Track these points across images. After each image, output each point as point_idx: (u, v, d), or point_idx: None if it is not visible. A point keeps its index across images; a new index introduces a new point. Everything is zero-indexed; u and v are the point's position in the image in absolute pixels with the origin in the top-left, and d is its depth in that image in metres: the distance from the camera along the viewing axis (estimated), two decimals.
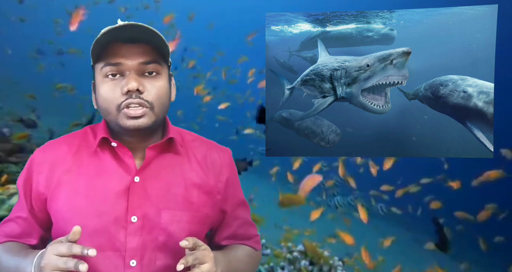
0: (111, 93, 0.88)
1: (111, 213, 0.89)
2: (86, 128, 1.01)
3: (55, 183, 0.92)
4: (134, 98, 0.87)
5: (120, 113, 0.88)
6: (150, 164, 0.93)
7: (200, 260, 0.82)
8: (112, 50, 0.88)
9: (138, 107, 0.88)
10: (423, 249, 3.77)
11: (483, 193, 3.35)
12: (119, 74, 0.89)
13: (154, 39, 0.89)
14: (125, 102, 0.88)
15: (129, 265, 0.88)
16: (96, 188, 0.90)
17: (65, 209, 0.90)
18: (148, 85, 0.89)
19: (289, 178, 4.50)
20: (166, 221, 0.91)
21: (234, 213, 1.06)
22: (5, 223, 1.00)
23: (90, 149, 0.95)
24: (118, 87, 0.88)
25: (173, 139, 0.97)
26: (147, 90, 0.89)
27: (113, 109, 0.89)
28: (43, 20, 9.17)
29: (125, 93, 0.87)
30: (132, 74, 0.88)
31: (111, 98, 0.88)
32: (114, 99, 0.88)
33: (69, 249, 0.75)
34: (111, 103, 0.88)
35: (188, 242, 0.82)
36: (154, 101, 0.90)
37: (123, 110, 0.88)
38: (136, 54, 0.88)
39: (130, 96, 0.87)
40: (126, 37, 0.88)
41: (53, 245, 0.78)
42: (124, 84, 0.87)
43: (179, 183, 0.95)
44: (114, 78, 0.89)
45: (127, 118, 0.88)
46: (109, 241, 0.88)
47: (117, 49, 0.88)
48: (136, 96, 0.88)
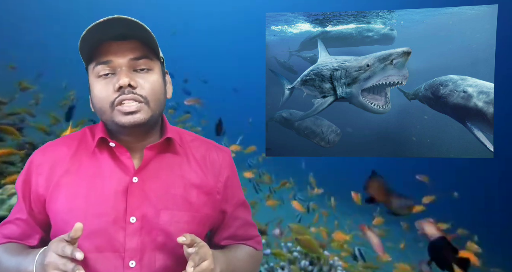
0: (104, 91, 0.88)
1: (110, 214, 0.89)
2: (85, 129, 1.01)
3: (54, 184, 0.92)
4: (127, 94, 0.87)
5: (114, 110, 0.88)
6: (149, 164, 0.93)
7: (202, 258, 0.82)
8: (101, 49, 0.88)
9: (132, 102, 0.87)
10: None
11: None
12: (111, 73, 0.89)
13: (142, 34, 0.88)
14: (118, 99, 0.87)
15: (128, 265, 0.88)
16: (95, 189, 0.90)
17: (64, 211, 0.90)
18: (141, 80, 0.89)
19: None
20: (165, 221, 0.91)
21: (234, 213, 1.05)
22: (4, 225, 0.99)
23: (88, 150, 0.95)
24: (111, 85, 0.88)
25: (172, 139, 0.97)
26: (140, 85, 0.88)
27: (107, 107, 0.88)
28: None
29: (117, 90, 0.87)
30: (123, 70, 0.87)
31: (104, 97, 0.88)
32: (107, 97, 0.88)
33: (62, 250, 0.75)
34: (105, 101, 0.88)
35: (185, 238, 0.82)
36: (149, 95, 0.89)
37: (117, 107, 0.87)
38: (126, 51, 0.88)
39: (122, 92, 0.87)
40: (115, 34, 0.87)
41: (55, 243, 0.78)
42: (115, 80, 0.87)
43: (178, 183, 0.95)
44: (106, 77, 0.89)
45: (122, 115, 0.88)
46: (108, 242, 0.88)
47: (107, 47, 0.88)
48: (129, 92, 0.87)
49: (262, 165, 4.91)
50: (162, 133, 0.97)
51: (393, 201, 2.02)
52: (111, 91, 0.88)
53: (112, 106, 0.88)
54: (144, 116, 0.89)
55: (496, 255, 5.13)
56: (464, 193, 5.52)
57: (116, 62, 0.88)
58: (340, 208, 5.04)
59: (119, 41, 0.88)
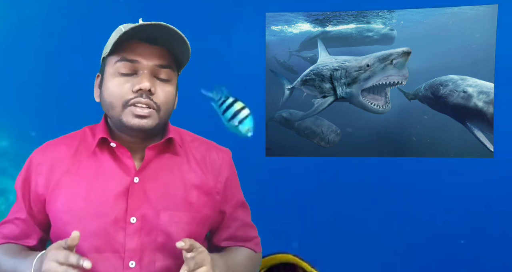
0: (120, 88, 0.87)
1: (110, 214, 0.88)
2: (85, 129, 1.00)
3: (54, 184, 0.92)
4: (144, 98, 0.87)
5: (125, 109, 0.87)
6: (149, 165, 0.93)
7: (199, 264, 0.82)
8: (130, 46, 0.88)
9: (146, 107, 0.87)
10: None
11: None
12: (132, 71, 0.88)
13: (176, 44, 0.88)
14: (133, 100, 0.87)
15: (128, 266, 0.88)
16: (95, 189, 0.90)
17: (64, 211, 0.90)
18: (159, 88, 0.89)
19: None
20: (165, 222, 0.90)
21: (233, 214, 1.05)
22: (3, 224, 0.99)
23: (89, 150, 0.94)
24: (129, 84, 0.87)
25: (173, 140, 0.97)
26: (157, 93, 0.88)
27: (118, 104, 0.88)
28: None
29: (136, 91, 0.87)
30: (146, 74, 0.87)
31: (119, 93, 0.87)
32: (122, 95, 0.87)
33: (66, 258, 0.74)
34: (118, 98, 0.87)
35: (184, 243, 0.81)
36: (162, 104, 0.89)
37: (130, 107, 0.87)
38: (153, 55, 0.88)
39: (140, 95, 0.87)
40: (147, 36, 0.87)
41: (52, 251, 0.77)
42: (136, 82, 0.87)
43: (178, 184, 0.94)
44: (126, 75, 0.88)
45: (132, 116, 0.87)
46: (108, 242, 0.88)
47: (136, 46, 0.88)
48: (146, 96, 0.87)
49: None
50: (164, 134, 0.97)
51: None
52: (128, 90, 0.87)
53: (125, 105, 0.87)
54: (152, 123, 0.89)
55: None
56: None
57: (142, 64, 0.87)
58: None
59: (149, 44, 0.88)
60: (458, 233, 2.18)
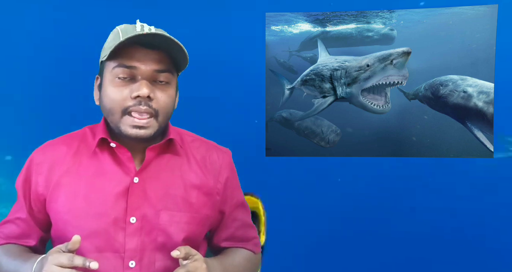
0: (119, 95, 0.86)
1: (110, 214, 0.88)
2: (85, 129, 1.00)
3: (54, 184, 0.92)
4: (143, 106, 0.86)
5: (124, 116, 0.87)
6: (150, 165, 0.93)
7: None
8: (128, 52, 0.86)
9: (144, 115, 0.86)
10: None
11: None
12: (130, 77, 0.87)
13: (174, 50, 0.87)
14: (132, 107, 0.86)
15: (128, 266, 0.88)
16: (95, 189, 0.90)
17: (64, 211, 0.90)
18: (158, 92, 0.88)
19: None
20: (165, 222, 0.91)
21: (233, 214, 1.05)
22: (3, 224, 0.99)
23: (89, 150, 0.94)
24: (128, 90, 0.86)
25: (173, 140, 0.97)
26: (156, 98, 0.88)
27: (118, 111, 0.87)
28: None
29: (134, 98, 0.86)
30: (145, 80, 0.86)
31: (118, 100, 0.87)
32: (121, 101, 0.86)
33: (70, 260, 0.74)
34: (118, 105, 0.87)
35: (179, 252, 0.81)
36: (161, 109, 0.88)
37: (129, 115, 0.86)
38: (151, 61, 0.87)
39: (139, 103, 0.86)
40: (146, 42, 0.86)
41: (54, 254, 0.76)
42: (135, 88, 0.86)
43: (178, 184, 0.94)
44: (124, 80, 0.87)
45: (130, 127, 0.87)
46: (108, 242, 0.88)
47: (134, 51, 0.86)
48: (145, 103, 0.86)
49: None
50: (164, 134, 0.97)
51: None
52: (126, 97, 0.86)
53: (124, 112, 0.87)
54: (150, 132, 0.88)
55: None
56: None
57: (140, 70, 0.86)
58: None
59: (147, 49, 0.87)
60: (458, 233, 2.18)
